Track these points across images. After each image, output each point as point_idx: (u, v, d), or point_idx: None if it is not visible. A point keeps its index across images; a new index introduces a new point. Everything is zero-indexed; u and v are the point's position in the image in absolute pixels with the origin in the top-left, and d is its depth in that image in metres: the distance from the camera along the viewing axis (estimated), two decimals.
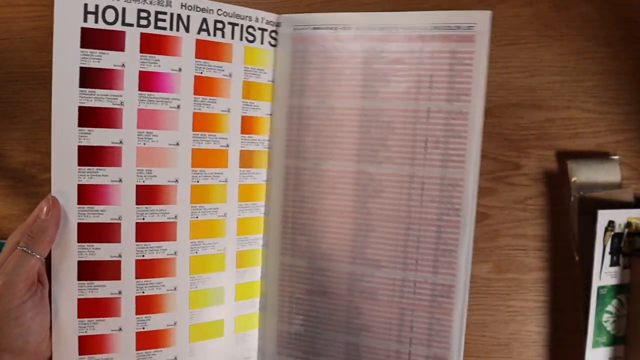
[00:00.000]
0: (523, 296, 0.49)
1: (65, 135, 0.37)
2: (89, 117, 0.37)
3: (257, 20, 0.41)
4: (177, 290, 0.40)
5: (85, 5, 0.36)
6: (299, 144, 0.42)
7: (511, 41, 0.49)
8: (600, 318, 0.47)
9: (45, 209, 0.36)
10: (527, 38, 0.49)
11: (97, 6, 0.36)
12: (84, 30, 0.37)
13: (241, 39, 0.41)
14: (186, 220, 0.40)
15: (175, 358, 0.40)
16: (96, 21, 0.37)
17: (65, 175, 0.37)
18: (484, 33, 0.39)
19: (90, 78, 0.37)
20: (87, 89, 0.37)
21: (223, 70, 0.40)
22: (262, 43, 0.42)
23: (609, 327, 0.47)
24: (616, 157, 0.48)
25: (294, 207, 0.43)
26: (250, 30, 0.41)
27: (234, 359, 0.42)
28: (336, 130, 0.42)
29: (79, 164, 0.37)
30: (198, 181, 0.40)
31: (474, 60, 0.39)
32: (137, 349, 0.39)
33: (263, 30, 0.41)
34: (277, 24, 0.42)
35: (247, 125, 0.42)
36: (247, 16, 0.41)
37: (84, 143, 0.37)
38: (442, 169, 0.39)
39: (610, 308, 0.47)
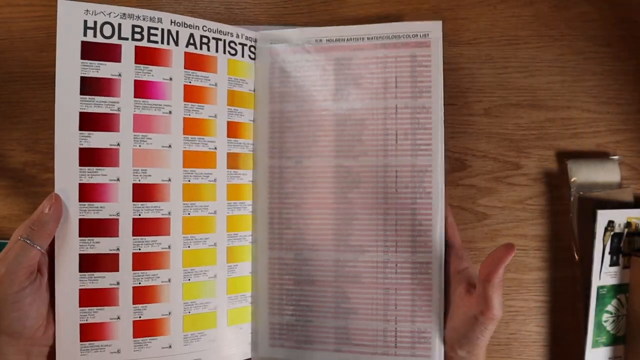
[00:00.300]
0: (523, 296, 0.49)
1: (67, 138, 0.40)
2: (89, 122, 0.41)
3: (237, 36, 0.45)
4: (171, 282, 0.43)
5: (85, 21, 0.41)
6: (281, 145, 0.46)
7: (511, 41, 0.50)
8: (600, 318, 0.47)
9: (48, 205, 0.39)
10: (527, 38, 0.49)
11: (95, 22, 0.41)
12: (84, 44, 0.41)
13: (224, 53, 0.45)
14: (179, 216, 0.43)
15: (170, 346, 0.42)
16: (95, 35, 0.41)
17: (67, 175, 0.40)
18: (438, 39, 0.44)
19: (89, 86, 0.41)
20: (87, 96, 0.41)
21: (209, 80, 0.44)
22: (243, 56, 0.46)
23: (608, 327, 0.47)
24: (616, 157, 0.49)
25: (280, 203, 0.46)
26: (232, 45, 0.45)
27: (228, 350, 0.44)
28: (315, 130, 0.45)
29: (80, 165, 0.41)
30: (189, 180, 0.43)
31: (431, 62, 0.44)
32: (134, 336, 0.42)
33: (243, 45, 0.46)
34: (255, 40, 0.46)
35: (233, 130, 0.45)
36: (228, 32, 0.45)
37: (85, 145, 0.41)
38: (412, 157, 0.44)
39: (609, 308, 0.47)
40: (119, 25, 0.41)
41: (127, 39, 0.41)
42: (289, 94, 0.46)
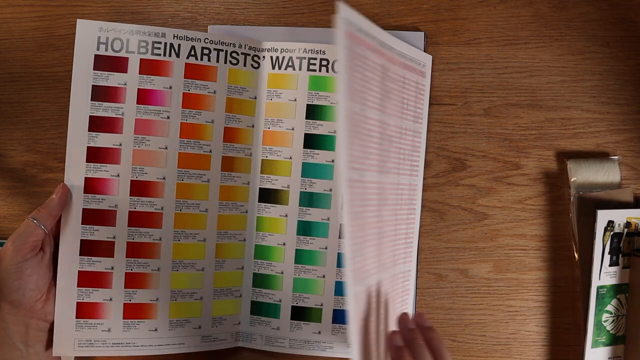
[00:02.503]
0: (522, 296, 0.49)
1: (78, 138, 0.46)
2: (97, 124, 0.46)
3: (240, 46, 0.48)
4: (160, 270, 0.47)
5: (99, 37, 0.46)
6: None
7: (511, 41, 0.50)
8: (599, 318, 0.47)
9: (56, 192, 0.44)
10: (527, 38, 0.50)
11: (107, 38, 0.46)
12: (96, 57, 0.46)
13: (225, 62, 0.48)
14: (171, 212, 0.47)
15: (156, 329, 0.47)
16: (106, 49, 0.46)
17: (75, 169, 0.45)
18: (429, 71, 0.48)
19: (99, 93, 0.46)
20: (97, 102, 0.46)
21: (208, 88, 0.47)
22: (245, 65, 0.48)
23: (608, 326, 0.47)
24: (616, 157, 0.49)
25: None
26: (234, 55, 0.48)
27: (210, 338, 0.48)
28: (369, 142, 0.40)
29: (87, 161, 0.46)
30: (183, 179, 0.47)
31: (424, 91, 0.47)
32: (124, 317, 0.46)
33: (246, 55, 0.48)
34: (259, 50, 0.49)
35: (229, 135, 0.48)
36: (231, 43, 0.48)
37: (92, 144, 0.46)
38: (410, 176, 0.46)
39: (609, 308, 0.47)
40: (127, 40, 0.46)
41: (133, 52, 0.46)
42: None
